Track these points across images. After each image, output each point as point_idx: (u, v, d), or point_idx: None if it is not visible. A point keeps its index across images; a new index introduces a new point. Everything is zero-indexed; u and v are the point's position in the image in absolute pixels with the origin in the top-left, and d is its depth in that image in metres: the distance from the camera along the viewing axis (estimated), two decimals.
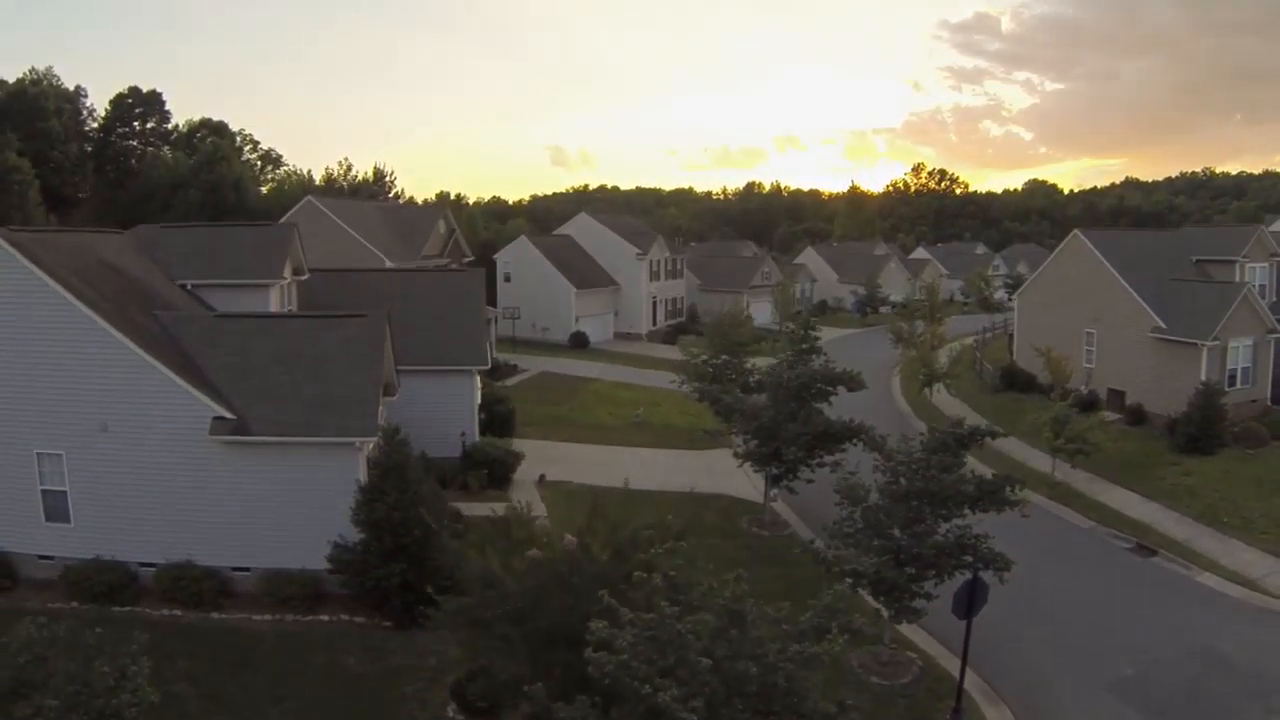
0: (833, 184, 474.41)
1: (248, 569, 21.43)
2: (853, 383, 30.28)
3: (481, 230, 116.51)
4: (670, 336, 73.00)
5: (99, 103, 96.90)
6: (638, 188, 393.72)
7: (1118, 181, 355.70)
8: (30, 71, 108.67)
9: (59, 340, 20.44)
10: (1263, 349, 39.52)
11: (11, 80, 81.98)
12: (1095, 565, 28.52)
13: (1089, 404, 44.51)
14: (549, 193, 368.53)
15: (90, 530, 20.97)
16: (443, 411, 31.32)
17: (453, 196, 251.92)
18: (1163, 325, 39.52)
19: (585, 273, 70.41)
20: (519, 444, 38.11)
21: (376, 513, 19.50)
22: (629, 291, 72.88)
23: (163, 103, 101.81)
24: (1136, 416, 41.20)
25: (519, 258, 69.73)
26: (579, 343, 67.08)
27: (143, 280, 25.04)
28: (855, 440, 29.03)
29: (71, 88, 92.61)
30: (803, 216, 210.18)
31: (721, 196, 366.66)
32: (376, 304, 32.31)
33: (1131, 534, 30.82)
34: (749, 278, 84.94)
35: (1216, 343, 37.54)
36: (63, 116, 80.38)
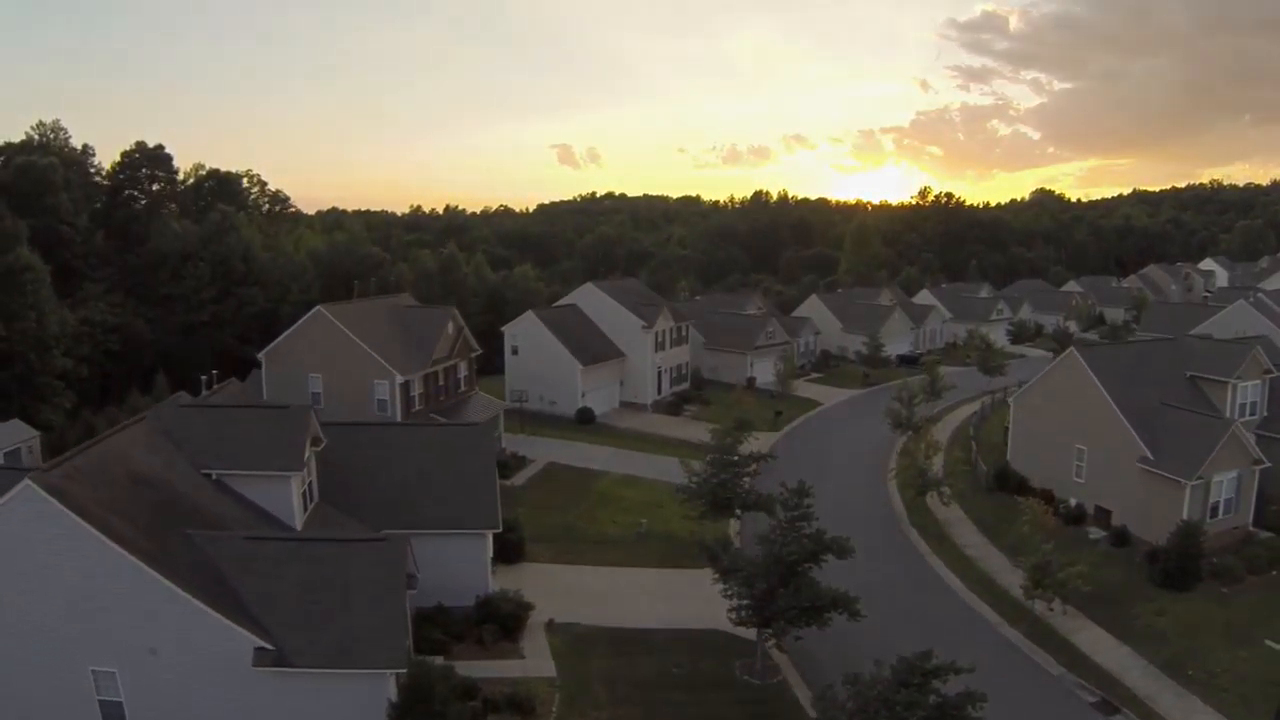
0: (841, 186, 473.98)
1: None
2: (842, 551, 31.72)
3: (490, 274, 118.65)
4: (675, 406, 74.46)
5: (104, 144, 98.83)
6: (645, 195, 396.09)
7: (1125, 193, 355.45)
8: (37, 126, 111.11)
9: (104, 574, 22.11)
10: (1247, 479, 40.81)
11: (19, 134, 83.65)
12: None
13: (1076, 517, 46.08)
14: (556, 200, 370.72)
15: None
16: (456, 567, 32.99)
17: (460, 209, 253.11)
18: (1150, 456, 40.82)
19: (591, 346, 71.82)
20: (529, 570, 40.13)
21: None
22: (634, 362, 74.31)
23: (169, 158, 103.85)
24: (1120, 538, 42.58)
25: (525, 332, 71.22)
26: (585, 418, 68.53)
27: (173, 486, 26.68)
28: (842, 610, 30.71)
29: (77, 139, 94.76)
30: (810, 238, 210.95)
31: (729, 205, 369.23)
32: (390, 466, 34.09)
33: (1098, 685, 32.32)
34: (753, 338, 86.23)
35: (1201, 481, 38.85)
36: (71, 189, 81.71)
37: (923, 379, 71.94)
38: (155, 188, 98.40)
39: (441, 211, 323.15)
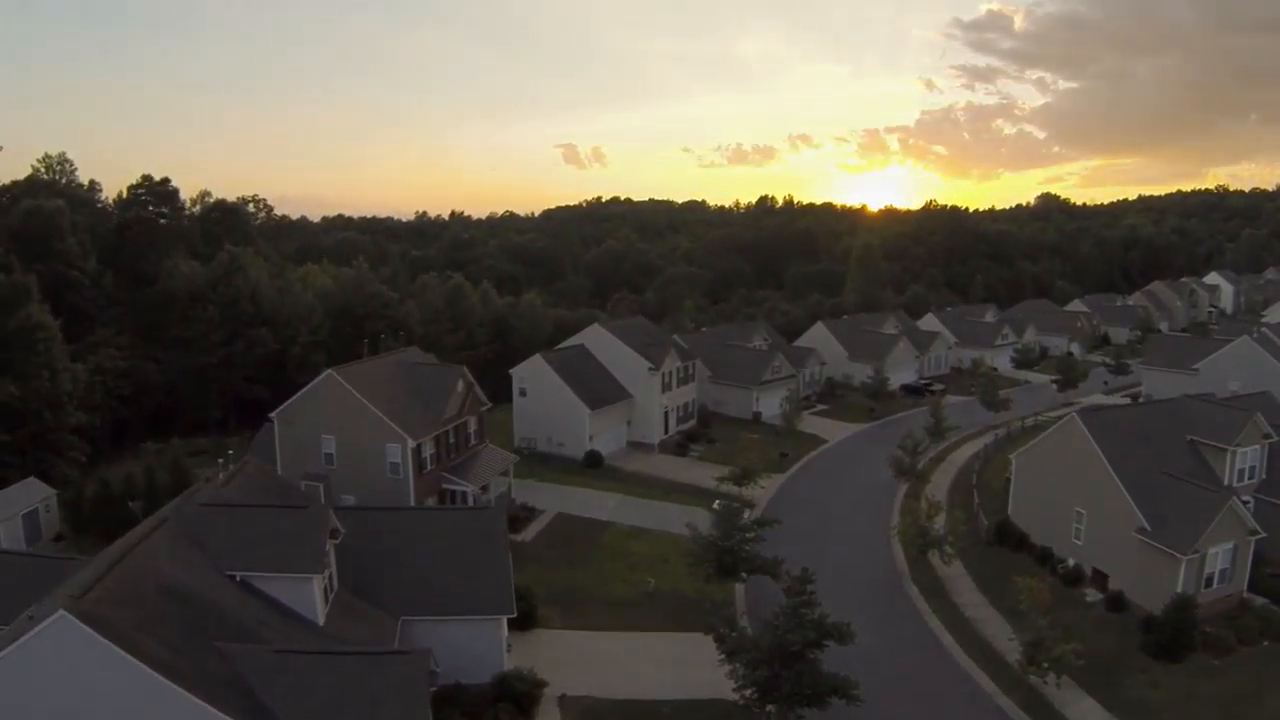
0: (846, 186, 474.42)
1: None
2: (843, 637, 32.80)
3: (496, 300, 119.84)
4: (682, 446, 75.54)
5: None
6: (650, 199, 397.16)
7: (1130, 197, 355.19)
8: (43, 159, 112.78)
9: (142, 698, 23.01)
10: (1243, 549, 41.74)
11: (25, 163, 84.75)
12: None
13: (1074, 579, 47.03)
14: (561, 205, 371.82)
15: None
16: (473, 648, 34.20)
17: (464, 214, 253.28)
18: (1148, 527, 41.75)
19: (598, 389, 72.92)
20: (540, 638, 41.34)
21: None
22: (641, 402, 75.43)
23: (175, 192, 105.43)
24: (1117, 603, 43.56)
25: (533, 374, 72.38)
26: (593, 461, 69.66)
27: (200, 594, 27.83)
28: (843, 696, 31.87)
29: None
30: (815, 250, 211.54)
31: (735, 209, 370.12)
32: (406, 551, 35.23)
33: None
34: (759, 373, 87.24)
35: (1196, 555, 39.79)
36: (78, 232, 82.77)
37: (927, 420, 72.81)
38: (162, 222, 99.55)
39: (448, 217, 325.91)
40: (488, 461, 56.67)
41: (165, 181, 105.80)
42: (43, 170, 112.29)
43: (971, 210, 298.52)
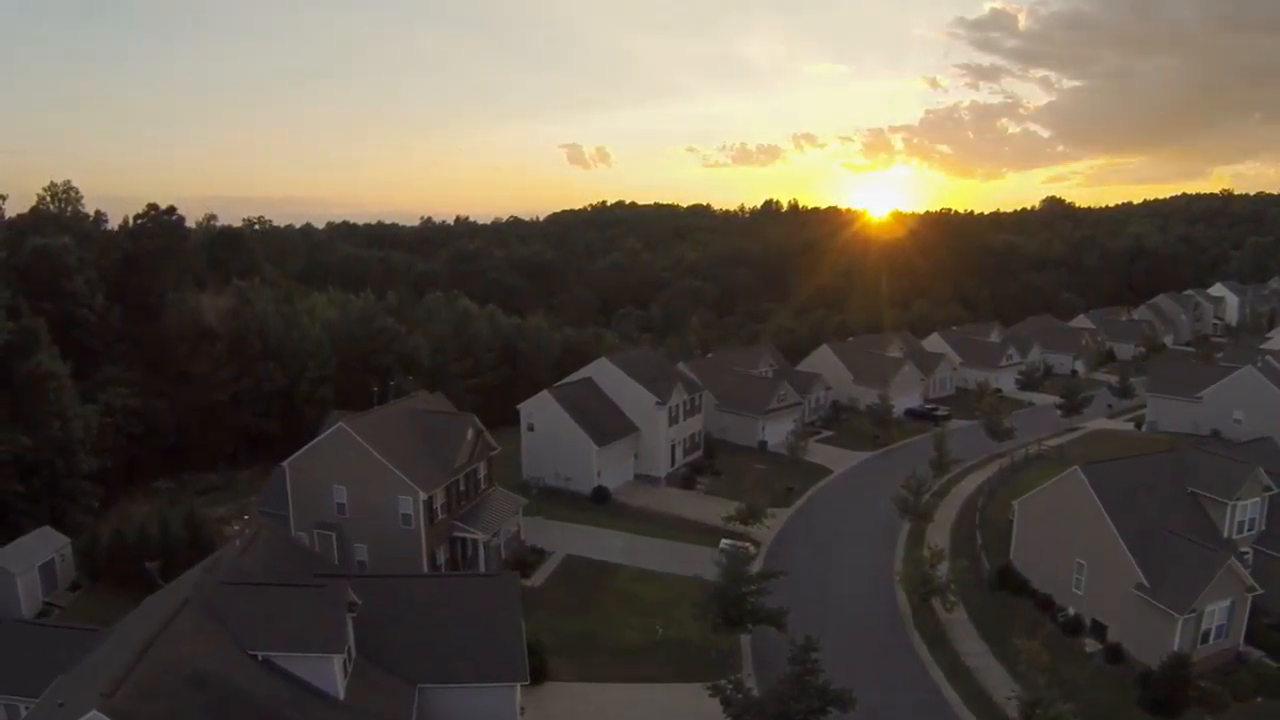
0: (851, 186, 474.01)
1: None
2: (844, 704, 33.79)
3: (503, 322, 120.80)
4: (688, 479, 76.32)
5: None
6: (655, 204, 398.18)
7: (1134, 201, 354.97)
8: (48, 188, 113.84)
9: None
10: (1240, 606, 42.44)
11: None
12: None
13: (1073, 628, 47.77)
14: (566, 208, 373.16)
15: None
16: (487, 713, 35.04)
17: (469, 219, 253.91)
18: (1146, 584, 42.47)
19: (606, 424, 73.74)
20: (551, 692, 42.37)
21: None
22: (648, 436, 76.22)
23: (180, 222, 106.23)
24: (1114, 655, 44.36)
25: (541, 410, 73.20)
26: (600, 497, 70.47)
27: (226, 678, 28.75)
28: None
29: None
30: (819, 266, 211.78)
31: (741, 213, 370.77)
32: (421, 619, 36.11)
33: None
34: (766, 401, 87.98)
35: (1193, 614, 40.52)
36: (86, 269, 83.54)
37: (930, 452, 73.61)
38: (168, 253, 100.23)
39: (452, 222, 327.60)
40: (497, 507, 57.57)
41: (171, 210, 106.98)
42: (49, 199, 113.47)
43: (976, 214, 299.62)
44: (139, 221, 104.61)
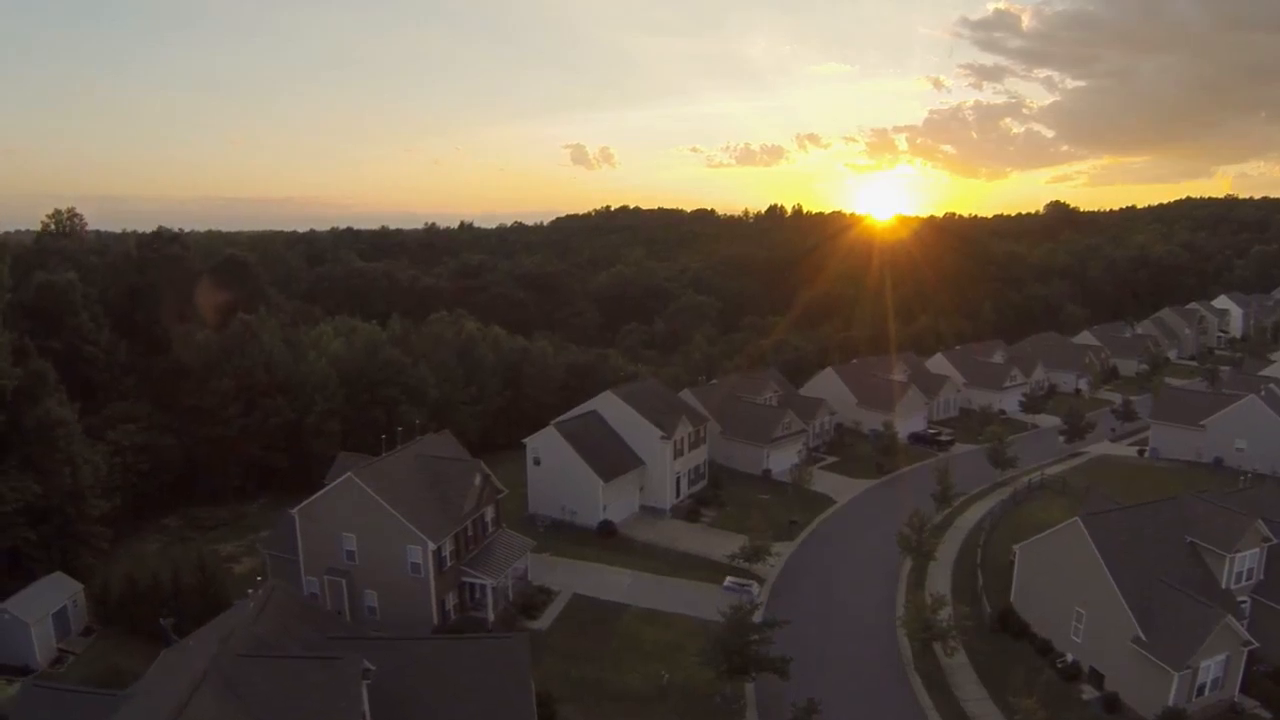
0: (855, 186, 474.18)
1: None
2: None
3: (507, 343, 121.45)
4: (693, 511, 76.89)
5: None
6: (659, 208, 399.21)
7: (1138, 205, 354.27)
8: (53, 215, 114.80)
9: None
10: (1235, 659, 42.97)
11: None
12: None
13: (1071, 675, 48.36)
14: (570, 213, 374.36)
15: None
16: None
17: (472, 224, 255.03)
18: (1144, 638, 43.02)
19: (611, 458, 74.40)
20: None
21: None
22: (654, 468, 76.87)
23: (184, 251, 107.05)
24: (1111, 704, 44.94)
25: (547, 445, 73.86)
26: (606, 530, 71.16)
27: None
28: None
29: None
30: (823, 273, 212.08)
31: (745, 218, 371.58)
32: (430, 682, 36.79)
33: None
34: (771, 430, 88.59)
35: (1189, 670, 41.08)
36: (91, 305, 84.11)
37: (932, 484, 74.27)
38: (174, 285, 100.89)
39: (456, 227, 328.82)
40: (505, 550, 58.23)
41: (176, 238, 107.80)
42: (53, 226, 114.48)
43: (979, 218, 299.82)
44: (143, 251, 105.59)
